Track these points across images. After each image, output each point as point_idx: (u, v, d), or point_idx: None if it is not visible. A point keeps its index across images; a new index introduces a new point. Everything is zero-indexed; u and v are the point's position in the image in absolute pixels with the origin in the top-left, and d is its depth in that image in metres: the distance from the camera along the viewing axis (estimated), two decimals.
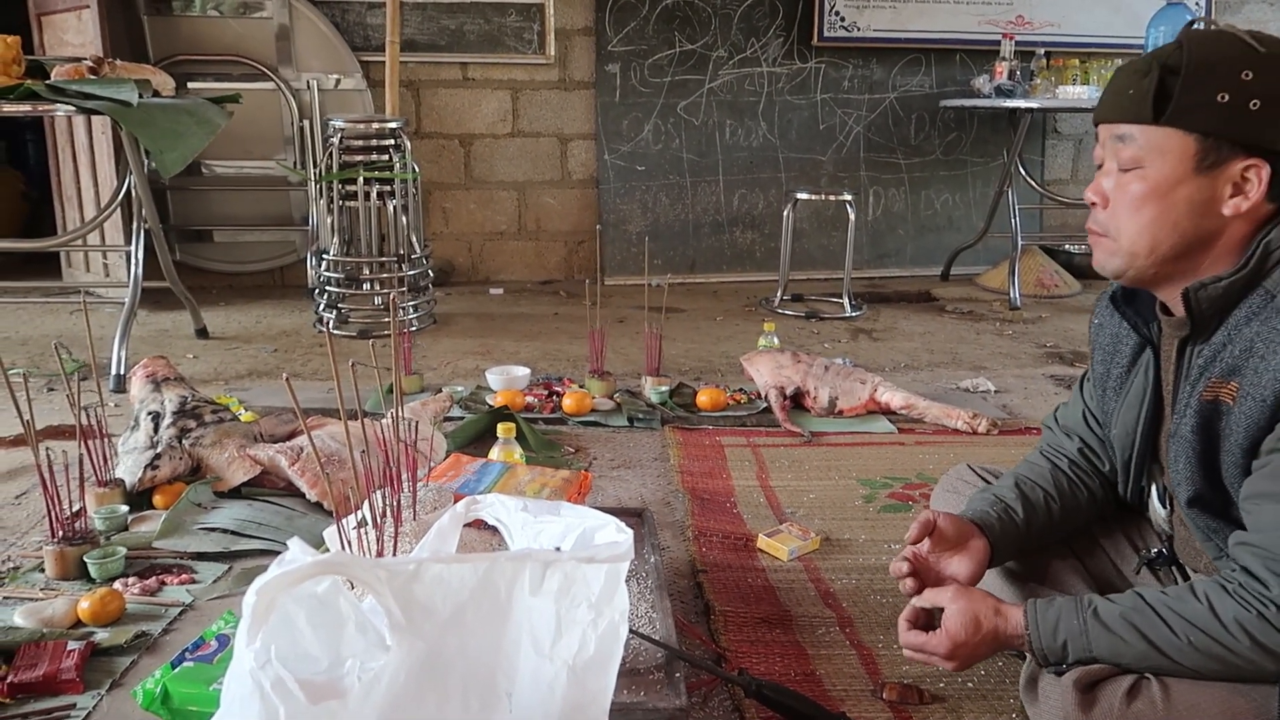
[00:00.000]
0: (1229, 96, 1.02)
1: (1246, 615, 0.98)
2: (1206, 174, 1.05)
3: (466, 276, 4.51)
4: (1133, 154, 1.09)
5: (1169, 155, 1.06)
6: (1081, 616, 1.09)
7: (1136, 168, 1.09)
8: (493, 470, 1.77)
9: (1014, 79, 4.14)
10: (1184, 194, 1.07)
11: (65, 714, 1.26)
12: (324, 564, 0.72)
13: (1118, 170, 1.11)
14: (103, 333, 3.10)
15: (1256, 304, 1.06)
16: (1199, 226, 1.08)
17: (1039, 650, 1.12)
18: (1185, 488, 1.13)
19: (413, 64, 4.20)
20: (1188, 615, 1.02)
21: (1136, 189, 1.09)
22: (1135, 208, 1.10)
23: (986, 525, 1.32)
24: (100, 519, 1.77)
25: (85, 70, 2.74)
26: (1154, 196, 1.08)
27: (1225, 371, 1.06)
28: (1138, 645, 1.04)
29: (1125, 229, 1.11)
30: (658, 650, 1.26)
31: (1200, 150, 1.05)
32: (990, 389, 2.87)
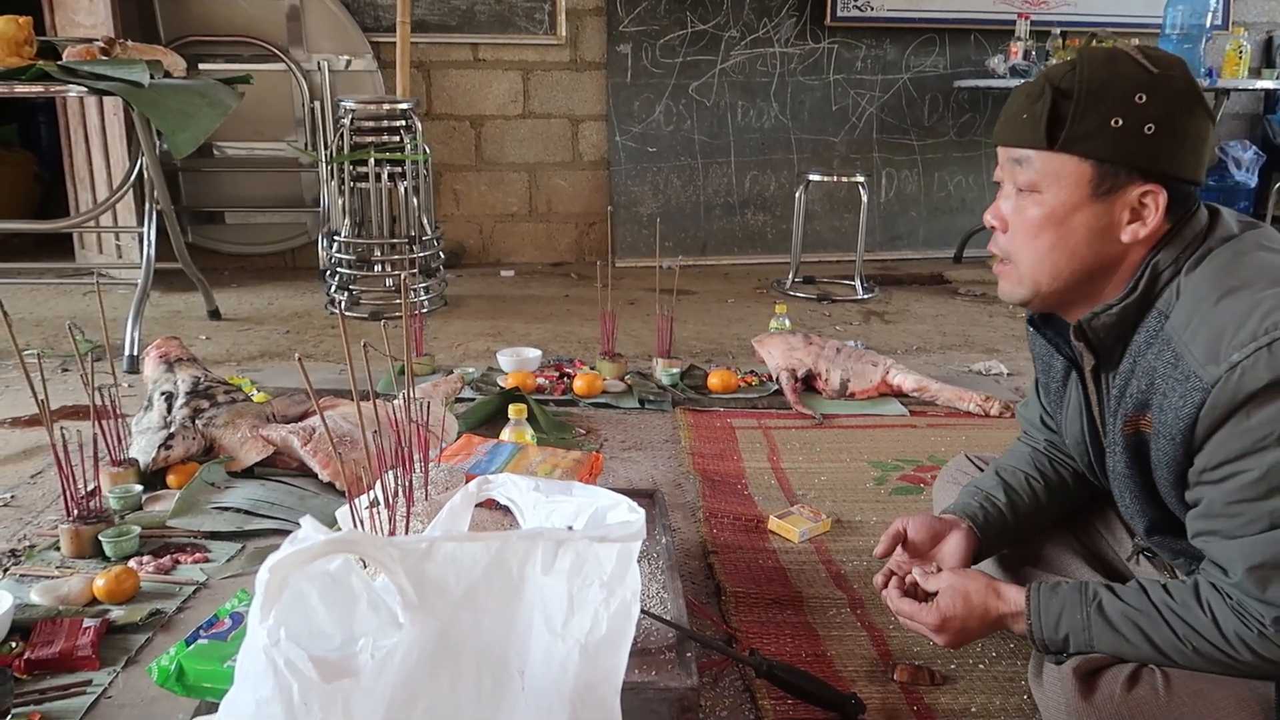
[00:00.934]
0: (1123, 121, 0.99)
1: (1247, 633, 0.96)
2: (1103, 200, 1.03)
3: (477, 258, 4.51)
4: (1029, 178, 1.06)
5: (1065, 181, 1.04)
6: (1085, 611, 1.07)
7: (1033, 192, 1.06)
8: (504, 451, 1.78)
9: (1029, 59, 4.10)
10: (1081, 220, 1.04)
11: (81, 690, 1.27)
12: (336, 542, 0.72)
13: (1016, 194, 1.09)
14: (116, 314, 3.11)
15: (1152, 327, 1.03)
16: (1098, 253, 1.06)
17: (1039, 638, 1.11)
18: (1139, 520, 1.13)
19: (423, 45, 4.18)
20: (1192, 622, 1.00)
21: (1034, 214, 1.06)
22: (1033, 234, 1.07)
23: (970, 516, 1.32)
24: (115, 498, 1.78)
25: (97, 51, 2.74)
26: (1051, 223, 1.05)
27: (1137, 405, 1.05)
28: (1140, 645, 1.03)
29: (1024, 256, 1.09)
30: (669, 630, 1.26)
31: (1096, 176, 1.02)
32: (1003, 372, 2.86)
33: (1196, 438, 0.97)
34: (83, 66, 2.63)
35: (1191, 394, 0.96)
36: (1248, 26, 4.58)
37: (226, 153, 4.14)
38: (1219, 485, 0.97)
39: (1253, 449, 0.93)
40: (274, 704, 0.71)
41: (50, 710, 1.23)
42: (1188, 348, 0.97)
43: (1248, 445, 0.93)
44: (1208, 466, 0.97)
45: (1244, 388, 0.92)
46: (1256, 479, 0.93)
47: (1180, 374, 0.98)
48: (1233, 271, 0.99)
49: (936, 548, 1.32)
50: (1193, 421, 0.96)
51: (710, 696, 1.30)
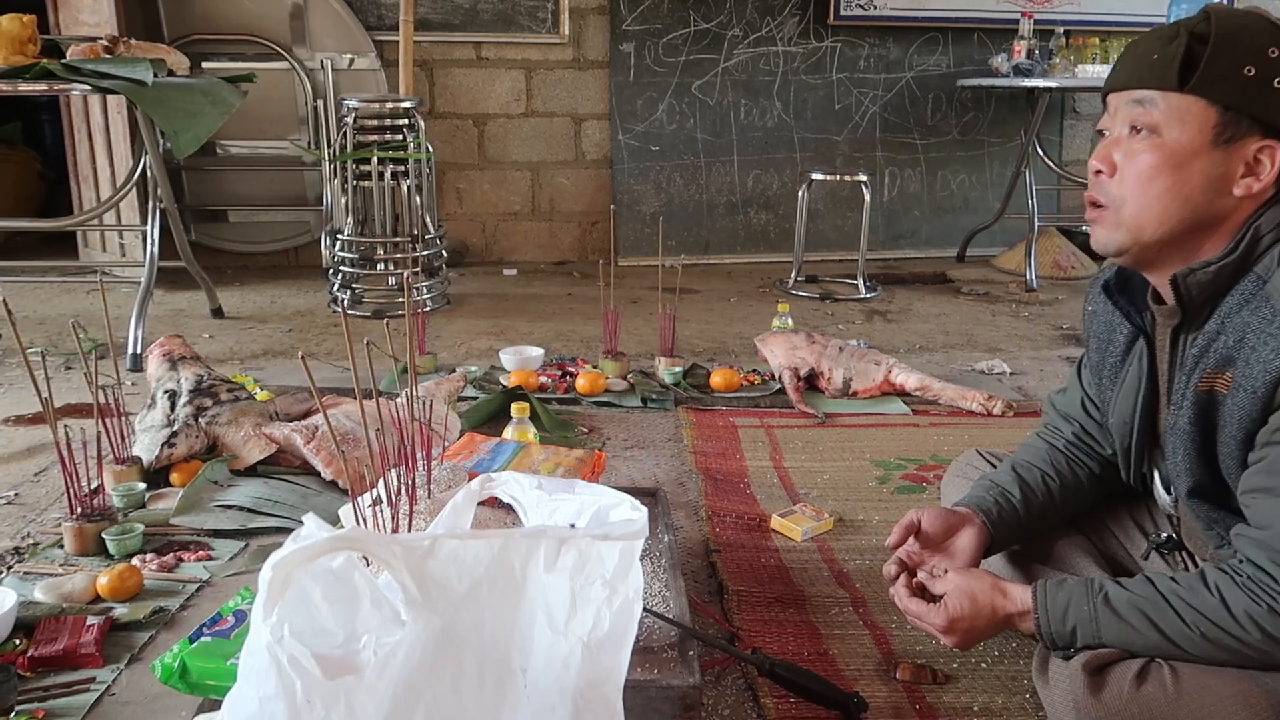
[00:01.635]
0: (1255, 70, 1.00)
1: (1257, 609, 0.97)
2: (1223, 149, 1.03)
3: (480, 257, 4.51)
4: (1151, 120, 1.06)
5: (1189, 124, 1.04)
6: (1092, 603, 1.08)
7: (1152, 134, 1.06)
8: (507, 449, 1.78)
9: (1033, 58, 4.09)
10: (1199, 167, 1.04)
11: (85, 687, 1.28)
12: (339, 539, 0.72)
13: (1129, 139, 1.08)
14: (119, 312, 3.12)
15: (1248, 290, 1.03)
16: (1209, 204, 1.06)
17: (1047, 634, 1.11)
18: (1184, 479, 1.12)
19: (426, 43, 4.19)
20: (1199, 606, 1.01)
21: (1149, 158, 1.06)
22: (1148, 177, 1.06)
23: (984, 511, 1.31)
24: (118, 496, 1.79)
25: (100, 49, 2.75)
26: (1169, 166, 1.05)
27: (1219, 362, 1.04)
28: (1148, 634, 1.04)
29: (1133, 200, 1.08)
30: (671, 629, 1.26)
31: (1220, 123, 1.03)
32: (1006, 371, 2.85)
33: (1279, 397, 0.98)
34: (86, 65, 2.63)
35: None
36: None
37: (230, 151, 4.14)
38: None
39: None
40: (277, 701, 0.71)
41: (54, 707, 1.24)
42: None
43: None
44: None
45: None
46: None
47: (1277, 328, 0.98)
48: None
49: (949, 540, 1.31)
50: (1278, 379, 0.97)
51: (713, 695, 1.30)
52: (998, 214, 4.39)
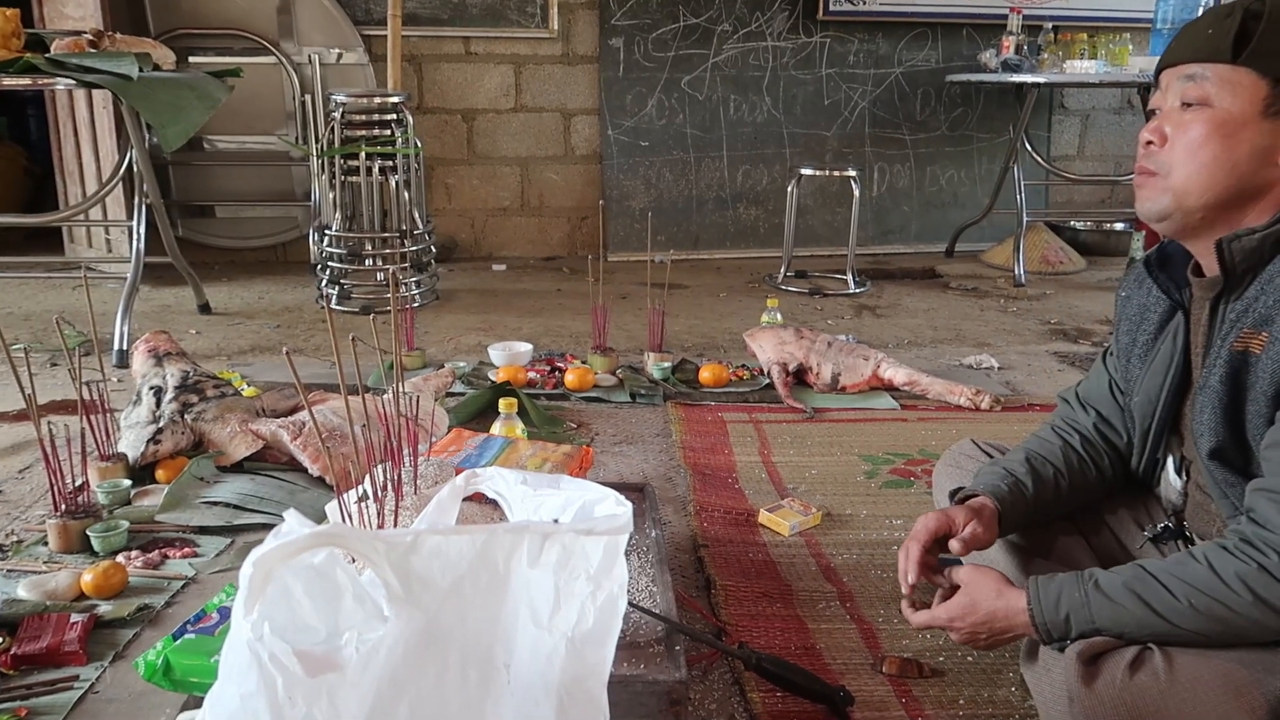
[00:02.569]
0: None
1: (1246, 569, 0.99)
2: (1272, 120, 1.06)
3: (469, 252, 4.50)
4: (1202, 93, 1.09)
5: (1240, 95, 1.07)
6: (1083, 589, 1.09)
7: (1204, 106, 1.09)
8: (494, 445, 1.77)
9: (1021, 54, 4.10)
10: (1247, 136, 1.07)
11: (69, 685, 1.27)
12: (321, 535, 0.71)
13: (1179, 111, 1.11)
14: (105, 308, 3.10)
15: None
16: (1255, 173, 1.08)
17: (1042, 626, 1.12)
18: (1208, 438, 1.13)
19: (415, 38, 4.17)
20: (1187, 578, 1.03)
21: (1199, 129, 1.09)
22: (1197, 145, 1.09)
23: (998, 498, 1.31)
24: (103, 493, 1.78)
25: (85, 44, 2.72)
26: (1218, 135, 1.08)
27: (1257, 322, 1.07)
28: (1138, 611, 1.05)
29: (1181, 166, 1.11)
30: (658, 624, 1.26)
31: (1271, 95, 1.06)
32: (994, 366, 2.86)
33: None
34: (71, 59, 2.61)
35: None
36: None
37: (217, 146, 4.12)
38: None
39: None
40: (258, 698, 0.71)
41: (37, 705, 1.23)
42: None
43: None
44: None
45: None
46: None
47: None
48: None
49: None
50: None
51: (700, 689, 1.30)
52: (986, 209, 4.39)
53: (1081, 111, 4.80)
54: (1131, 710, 1.02)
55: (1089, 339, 3.22)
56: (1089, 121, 4.82)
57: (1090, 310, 3.61)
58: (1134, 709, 1.02)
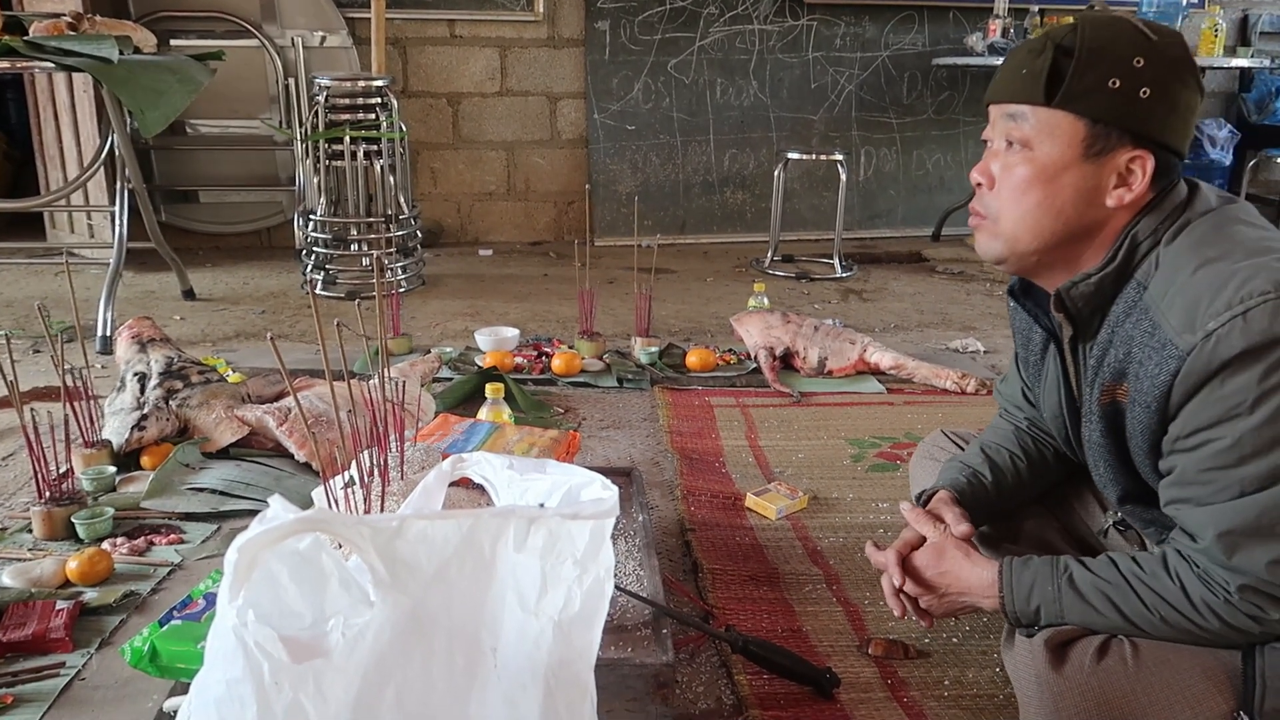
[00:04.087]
0: (1120, 82, 1.00)
1: (1214, 599, 0.98)
2: (1093, 161, 1.03)
3: (455, 237, 4.48)
4: (1023, 135, 1.06)
5: (1058, 138, 1.04)
6: (1056, 583, 1.08)
7: (1025, 149, 1.06)
8: (481, 430, 1.77)
9: (1008, 37, 4.10)
10: (1069, 180, 1.04)
11: (54, 672, 1.27)
12: (306, 521, 0.71)
13: (1005, 152, 1.09)
14: (88, 294, 3.08)
15: (1131, 297, 1.04)
16: (1082, 215, 1.06)
17: (1011, 612, 1.12)
18: (1112, 489, 1.14)
19: (399, 21, 4.14)
20: (1160, 591, 1.02)
21: (1022, 172, 1.06)
22: (1020, 191, 1.07)
23: (958, 491, 1.31)
24: (88, 480, 1.77)
25: (64, 26, 2.69)
26: (1040, 180, 1.05)
27: (1114, 375, 1.06)
28: (1110, 616, 1.05)
29: (1008, 213, 1.09)
30: (645, 607, 1.26)
31: (1089, 136, 1.03)
32: (979, 349, 2.87)
33: (1171, 405, 0.98)
34: (50, 42, 2.58)
35: (1167, 362, 0.97)
36: (1223, 5, 4.60)
37: (200, 130, 4.08)
38: (1192, 453, 0.98)
39: (1225, 417, 0.94)
40: (244, 684, 0.71)
41: (23, 693, 1.23)
42: (1164, 316, 0.98)
43: (1220, 413, 0.94)
44: (1181, 434, 0.98)
45: (1218, 355, 0.93)
46: (1228, 446, 0.94)
47: (1157, 342, 0.99)
48: (1211, 243, 1.00)
49: None
50: (1168, 389, 0.98)
51: (687, 672, 1.31)
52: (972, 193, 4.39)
53: None
54: (1099, 695, 1.03)
55: None
56: None
57: None
58: (1101, 694, 1.03)
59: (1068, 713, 1.04)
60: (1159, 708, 1.01)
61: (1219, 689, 1.00)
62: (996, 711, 1.24)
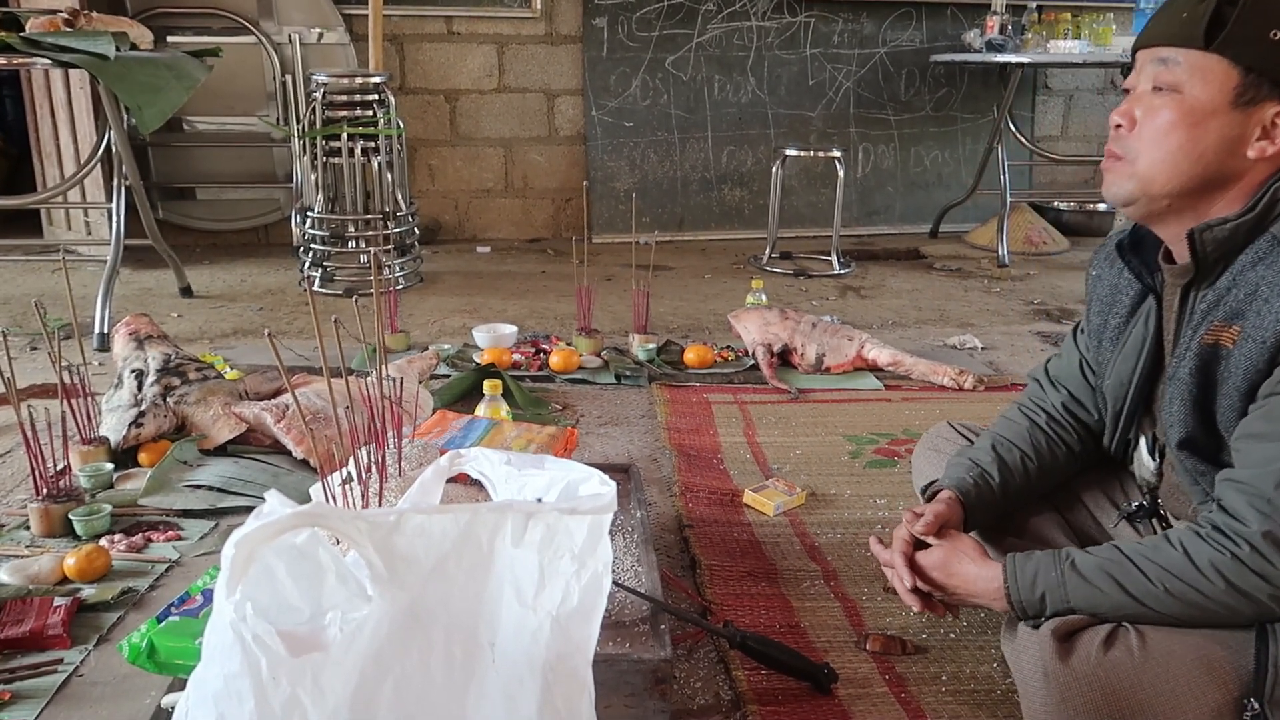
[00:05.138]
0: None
1: (1220, 558, 1.00)
2: (1241, 110, 1.05)
3: (453, 235, 4.47)
4: (1173, 78, 1.07)
5: (1210, 83, 1.05)
6: (1059, 569, 1.10)
7: (1174, 92, 1.07)
8: (479, 427, 1.77)
9: (1005, 33, 4.10)
10: (1215, 126, 1.06)
11: (52, 669, 1.27)
12: (302, 515, 0.71)
13: (1150, 94, 1.10)
14: (86, 291, 3.07)
15: (1263, 248, 1.05)
16: (1222, 163, 1.07)
17: (1017, 603, 1.13)
18: (1178, 429, 1.13)
19: (396, 17, 4.13)
20: (1163, 563, 1.04)
21: (1168, 114, 1.08)
22: (1164, 132, 1.08)
23: (963, 492, 1.32)
24: (85, 477, 1.77)
25: (61, 23, 2.69)
26: (1185, 123, 1.07)
27: (1228, 315, 1.06)
28: (1114, 595, 1.06)
29: (1147, 152, 1.10)
30: (643, 603, 1.26)
31: (1241, 84, 1.04)
32: (977, 346, 2.88)
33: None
34: (46, 39, 2.57)
35: None
36: None
37: (197, 127, 4.07)
38: None
39: None
40: (242, 679, 0.71)
41: (21, 689, 1.23)
42: None
43: None
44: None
45: None
46: None
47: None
48: None
49: None
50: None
51: (685, 668, 1.31)
52: (970, 190, 4.40)
53: (1065, 92, 4.81)
54: (1106, 686, 1.04)
55: (1072, 319, 3.23)
56: (1072, 102, 4.83)
57: (1073, 290, 3.63)
58: (1108, 685, 1.04)
59: (1073, 704, 1.04)
60: (1165, 699, 1.01)
61: (1225, 679, 1.00)
62: (995, 706, 1.24)
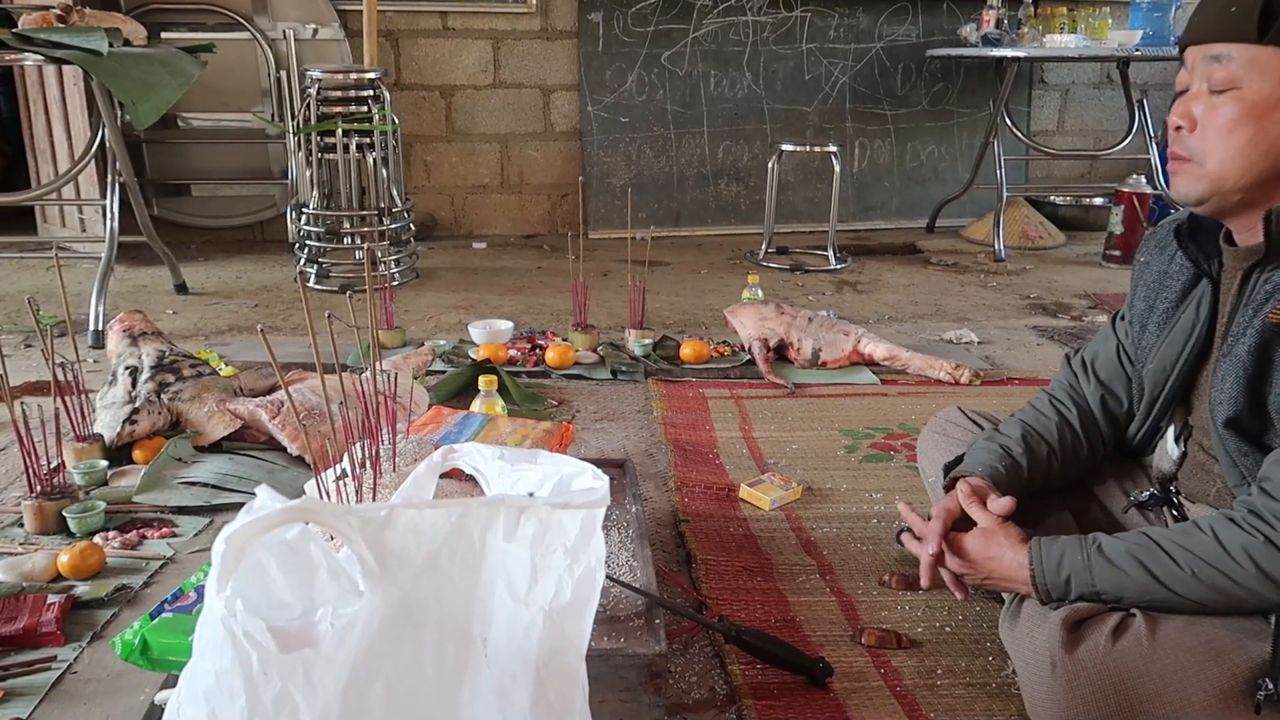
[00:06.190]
0: None
1: (1253, 542, 1.00)
2: None
3: (449, 230, 4.47)
4: (1229, 74, 1.06)
5: (1269, 76, 1.04)
6: (1086, 552, 1.10)
7: (1232, 89, 1.06)
8: (474, 422, 1.77)
9: (1001, 27, 4.09)
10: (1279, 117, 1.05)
11: (46, 666, 1.26)
12: (293, 511, 0.71)
13: (1208, 94, 1.08)
14: (81, 288, 3.07)
15: None
16: None
17: (1042, 585, 1.13)
18: (1226, 407, 1.12)
19: (391, 13, 4.12)
20: (1192, 547, 1.04)
21: (1230, 111, 1.06)
22: (1228, 129, 1.07)
23: (995, 480, 1.31)
24: (79, 474, 1.76)
25: (53, 18, 2.68)
26: (1249, 118, 1.05)
27: None
28: (1140, 578, 1.06)
29: (1215, 152, 1.08)
30: (638, 598, 1.26)
31: None
32: (973, 340, 2.87)
33: None
34: (39, 34, 2.56)
35: None
36: None
37: (192, 124, 4.06)
38: None
39: None
40: (233, 674, 0.70)
41: (14, 686, 1.22)
42: None
43: None
44: None
45: None
46: None
47: None
48: None
49: None
50: None
51: (680, 662, 1.31)
52: (966, 185, 4.40)
53: (1061, 86, 4.80)
54: (1114, 676, 1.04)
55: (1068, 313, 3.23)
56: (1069, 96, 4.82)
57: (1069, 285, 3.63)
58: (1116, 675, 1.03)
59: (1080, 694, 1.04)
60: (1172, 687, 1.01)
61: (1233, 665, 1.00)
62: (990, 699, 1.24)
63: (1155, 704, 1.01)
